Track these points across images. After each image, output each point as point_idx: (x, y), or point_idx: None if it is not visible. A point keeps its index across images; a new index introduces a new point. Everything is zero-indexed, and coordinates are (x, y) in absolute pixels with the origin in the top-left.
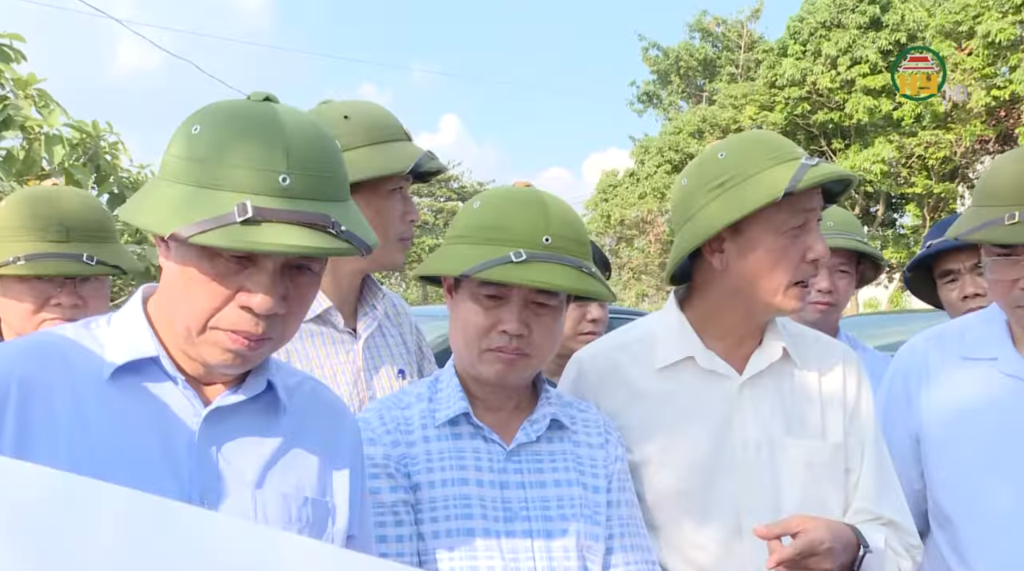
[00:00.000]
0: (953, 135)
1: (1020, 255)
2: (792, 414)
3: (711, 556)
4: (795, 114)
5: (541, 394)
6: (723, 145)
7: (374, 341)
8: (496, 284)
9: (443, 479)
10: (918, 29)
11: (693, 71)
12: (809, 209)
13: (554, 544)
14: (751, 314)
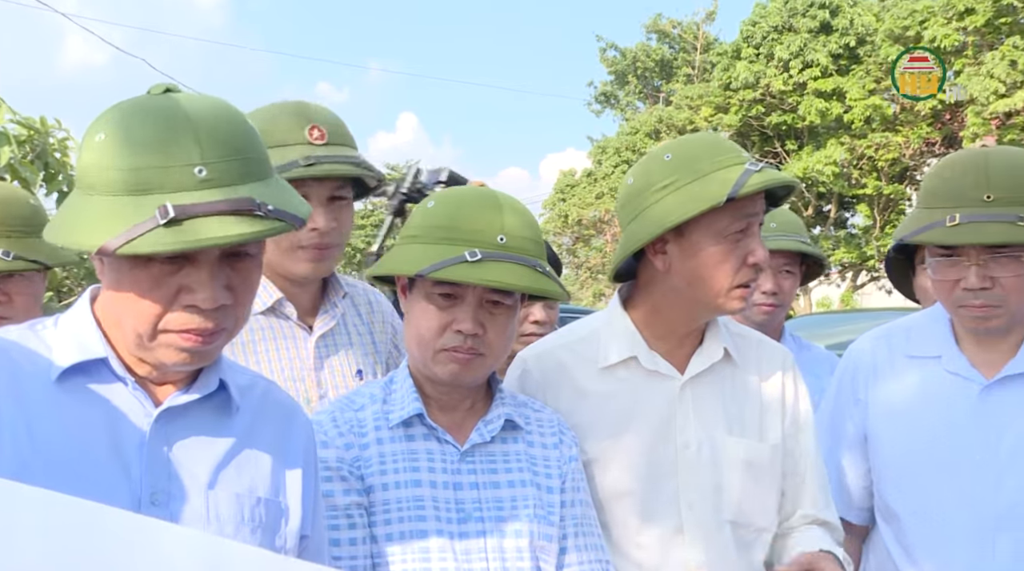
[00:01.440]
0: (901, 137)
1: (961, 256)
2: (732, 414)
3: (653, 555)
4: (749, 116)
5: (495, 394)
6: (669, 147)
7: (332, 339)
8: (451, 284)
9: (396, 481)
10: (867, 33)
11: (650, 72)
12: (752, 214)
13: (507, 544)
14: (693, 315)
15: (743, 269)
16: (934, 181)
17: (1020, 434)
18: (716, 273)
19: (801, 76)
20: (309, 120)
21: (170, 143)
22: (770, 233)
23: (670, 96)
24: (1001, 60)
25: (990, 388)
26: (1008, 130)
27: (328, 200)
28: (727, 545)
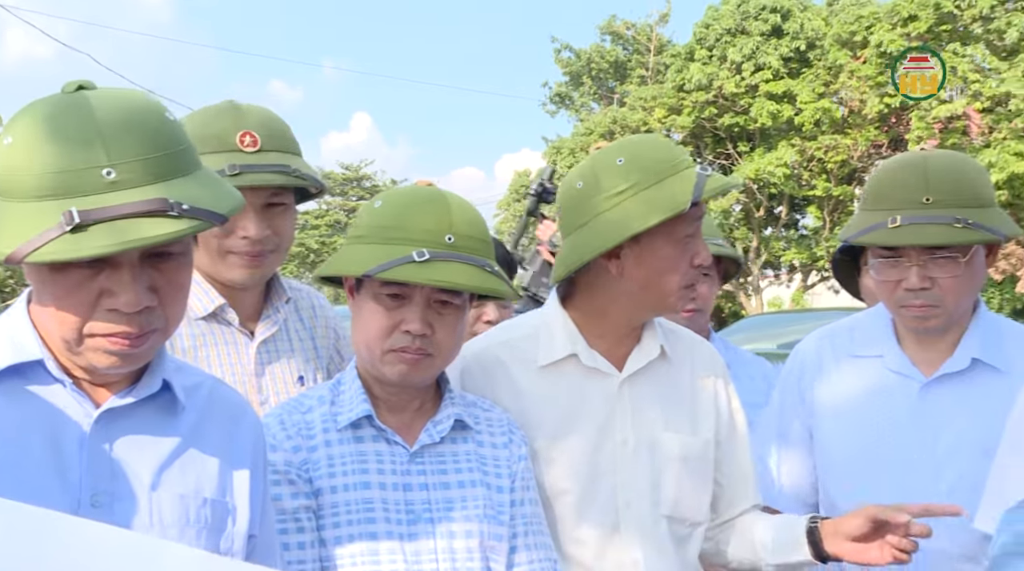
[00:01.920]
0: (850, 140)
1: (902, 257)
2: (668, 410)
3: (591, 551)
4: (702, 117)
5: (445, 395)
6: (620, 150)
7: (274, 345)
8: (398, 284)
9: (345, 483)
10: (816, 38)
11: (604, 73)
12: (698, 217)
13: (457, 545)
14: (638, 315)
15: (690, 271)
16: (876, 184)
17: (957, 430)
18: (668, 276)
19: (753, 79)
20: (241, 126)
21: (76, 146)
22: None
23: (624, 97)
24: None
25: (929, 386)
26: (950, 134)
27: (263, 207)
28: (663, 540)
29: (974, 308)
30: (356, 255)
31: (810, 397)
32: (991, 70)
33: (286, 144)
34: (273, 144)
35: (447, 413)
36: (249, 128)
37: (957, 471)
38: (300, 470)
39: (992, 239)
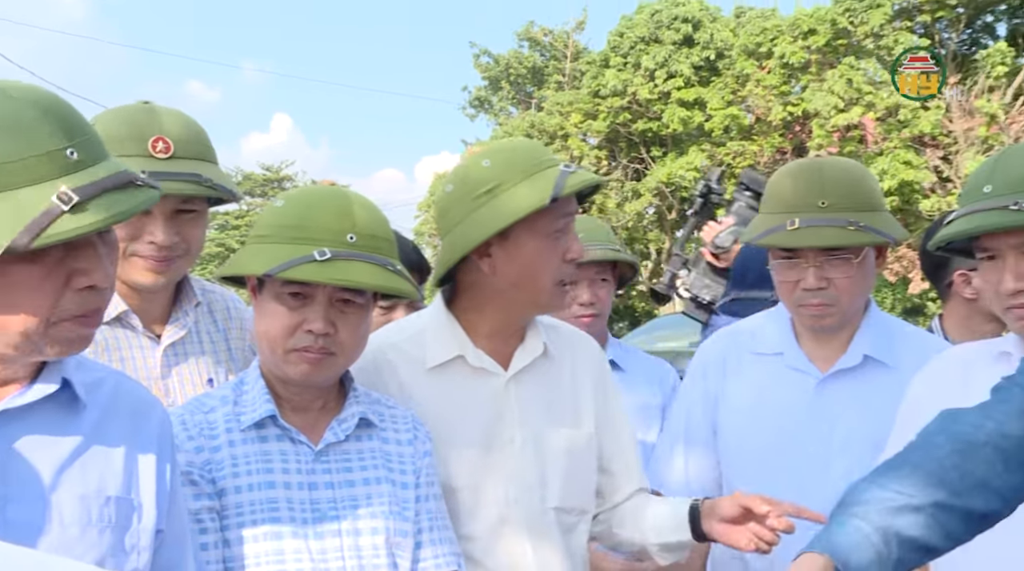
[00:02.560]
0: (756, 146)
1: (800, 258)
2: (553, 406)
3: (481, 546)
4: (617, 122)
5: (349, 393)
6: (486, 153)
7: (182, 348)
8: (300, 283)
9: (249, 483)
10: (725, 48)
11: (522, 78)
12: (568, 213)
13: (363, 542)
14: (518, 313)
15: (563, 266)
16: (775, 189)
17: (850, 423)
18: (540, 272)
19: (665, 86)
20: (154, 131)
21: (34, 132)
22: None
23: (542, 102)
24: (840, 78)
25: (825, 381)
26: (847, 142)
27: (173, 213)
28: (551, 531)
29: (866, 307)
30: (257, 254)
31: (714, 394)
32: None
33: (200, 151)
34: (186, 151)
35: (352, 411)
36: (162, 134)
37: (849, 462)
38: (202, 470)
39: (882, 241)
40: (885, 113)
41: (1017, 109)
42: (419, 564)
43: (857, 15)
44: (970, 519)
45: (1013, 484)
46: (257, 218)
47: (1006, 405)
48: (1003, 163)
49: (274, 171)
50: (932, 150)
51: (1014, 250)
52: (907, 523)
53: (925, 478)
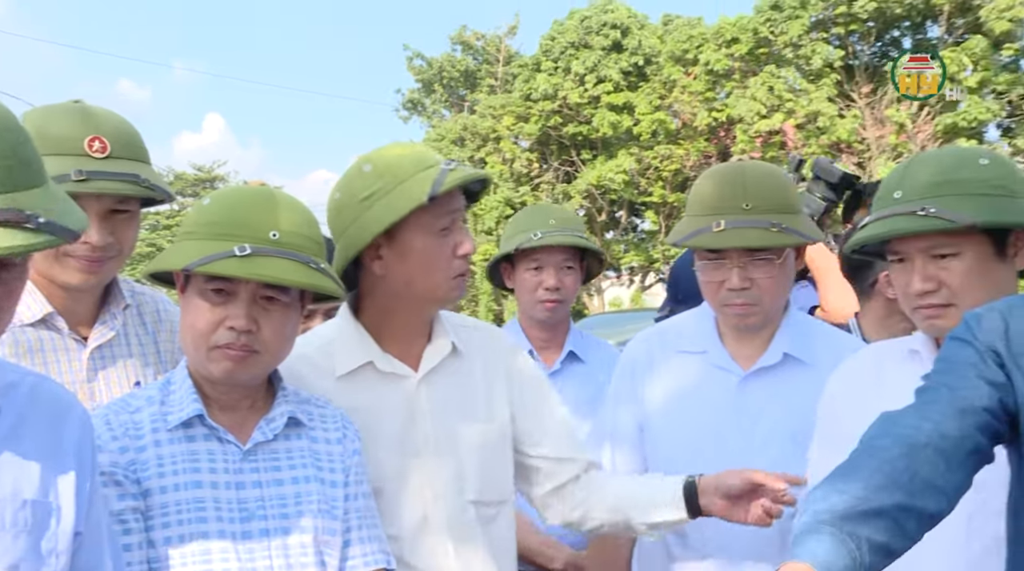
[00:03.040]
0: (683, 150)
1: (725, 259)
2: (465, 402)
3: (404, 545)
4: (548, 126)
5: (278, 392)
6: (369, 158)
7: (110, 350)
8: (223, 279)
9: (175, 483)
10: (653, 54)
11: (455, 81)
12: (454, 209)
13: (291, 541)
14: (418, 311)
15: (455, 261)
16: (700, 192)
17: (771, 418)
18: (431, 269)
19: (595, 90)
20: (90, 130)
21: None
22: (550, 229)
23: (474, 105)
24: (762, 85)
25: (746, 379)
26: (769, 147)
27: (107, 213)
28: (471, 524)
29: (785, 307)
30: (180, 251)
31: (641, 392)
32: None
33: (136, 152)
34: (123, 151)
35: (281, 411)
36: (99, 133)
37: (771, 457)
38: (127, 471)
39: (802, 242)
40: (804, 120)
41: (923, 119)
42: (348, 562)
43: (777, 25)
44: (923, 519)
45: (955, 483)
46: (185, 217)
47: (938, 406)
48: (912, 170)
49: (206, 171)
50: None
51: (922, 253)
52: (874, 527)
53: (882, 481)
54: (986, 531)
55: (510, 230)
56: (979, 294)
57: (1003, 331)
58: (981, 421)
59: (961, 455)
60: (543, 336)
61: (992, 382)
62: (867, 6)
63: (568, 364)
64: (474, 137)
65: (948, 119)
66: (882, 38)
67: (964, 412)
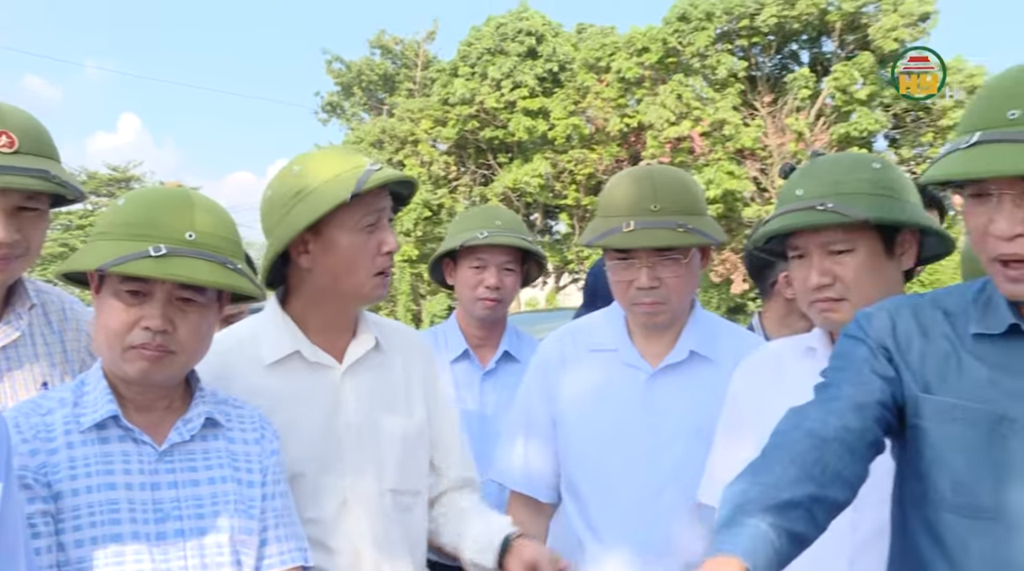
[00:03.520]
0: (596, 155)
1: (635, 259)
2: (386, 395)
3: (323, 528)
4: (466, 130)
5: (196, 393)
6: (299, 160)
7: (15, 351)
8: (138, 280)
9: (88, 485)
10: (567, 61)
11: (374, 85)
12: (380, 208)
13: (207, 541)
14: (343, 306)
15: (378, 258)
16: (611, 194)
17: (678, 414)
18: (356, 265)
19: (511, 95)
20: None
21: None
22: (495, 229)
23: (393, 109)
24: (671, 93)
25: (655, 376)
26: (678, 153)
27: (15, 210)
28: (388, 511)
29: (691, 306)
30: (94, 251)
31: (554, 389)
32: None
33: (44, 148)
34: (31, 147)
35: (198, 411)
36: (5, 127)
37: (678, 451)
38: (37, 474)
39: (707, 243)
40: (711, 128)
41: (819, 128)
42: (264, 561)
43: (685, 36)
44: (832, 509)
45: (859, 473)
46: (99, 217)
47: (841, 401)
48: (813, 170)
49: (121, 171)
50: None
51: (820, 249)
52: (790, 518)
53: (796, 474)
54: (871, 519)
55: (456, 227)
56: (870, 289)
57: (891, 329)
58: (877, 414)
59: (863, 447)
60: (480, 334)
61: (884, 377)
62: (768, 20)
63: (503, 363)
64: (392, 140)
65: (842, 129)
66: (782, 51)
67: (862, 406)
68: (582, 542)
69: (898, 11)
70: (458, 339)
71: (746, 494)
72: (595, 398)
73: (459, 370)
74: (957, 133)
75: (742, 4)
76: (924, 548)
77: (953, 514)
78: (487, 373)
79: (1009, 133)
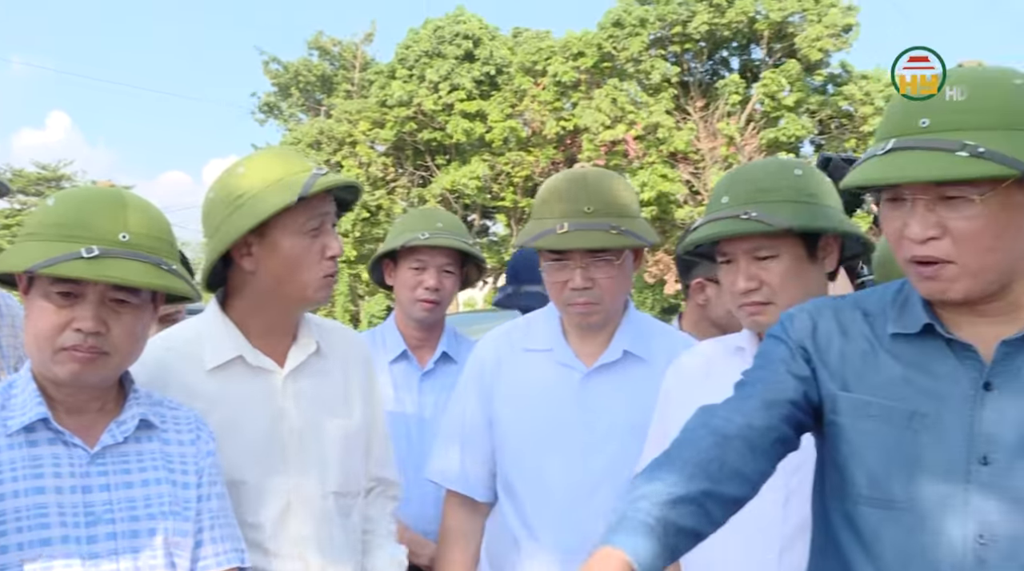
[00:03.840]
0: (533, 157)
1: (569, 260)
2: (328, 399)
3: (265, 533)
4: (404, 131)
5: (129, 395)
6: (243, 162)
7: None
8: (70, 281)
9: (15, 490)
10: (504, 65)
11: (312, 86)
12: (324, 212)
13: (140, 544)
14: (286, 309)
15: (323, 262)
16: (546, 196)
17: (612, 412)
18: (300, 268)
19: (449, 98)
20: None
21: None
22: (437, 231)
23: (331, 110)
24: (606, 97)
25: (589, 375)
26: (613, 156)
27: None
28: (331, 513)
29: (625, 307)
30: (23, 252)
31: (490, 389)
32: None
33: None
34: None
35: (131, 413)
36: None
37: (612, 449)
38: None
39: (640, 244)
40: (645, 131)
41: (749, 132)
42: (200, 563)
43: (619, 41)
44: (727, 504)
45: (759, 470)
46: (27, 217)
47: (751, 400)
48: (738, 178)
49: (50, 170)
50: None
51: (746, 254)
52: (680, 513)
53: (692, 470)
54: (801, 511)
55: (397, 228)
56: (794, 292)
57: (812, 330)
58: (786, 412)
59: (766, 444)
60: (419, 336)
61: (799, 376)
62: (700, 27)
63: (441, 365)
64: (330, 141)
65: (771, 134)
66: (713, 57)
67: (771, 404)
68: (518, 540)
69: (822, 22)
70: (396, 340)
71: (641, 489)
72: (530, 398)
73: (397, 371)
74: (875, 140)
75: (675, 11)
76: (843, 538)
77: (868, 506)
78: (425, 374)
79: (921, 140)
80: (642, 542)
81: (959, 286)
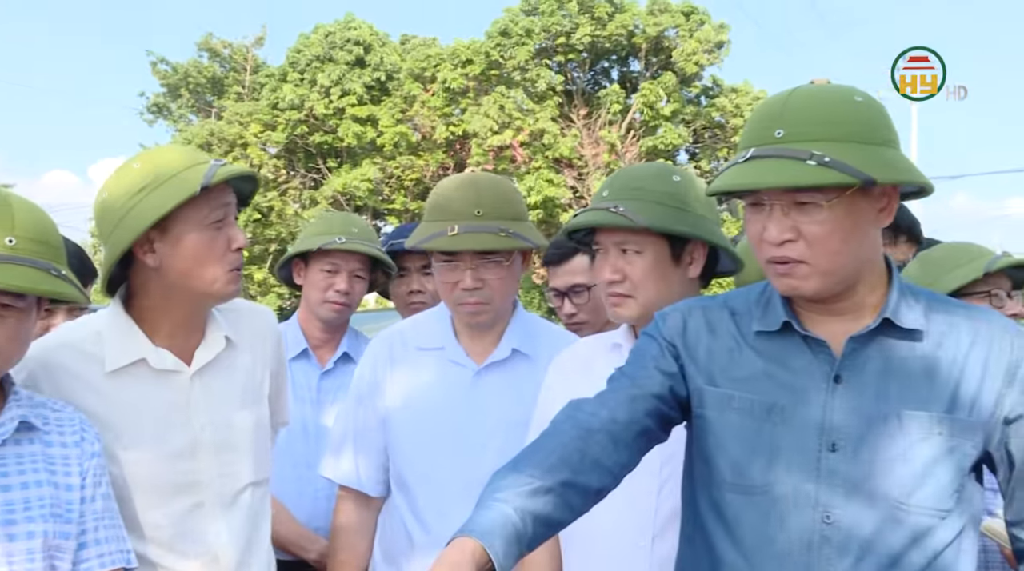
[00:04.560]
0: (423, 161)
1: (460, 261)
2: (238, 392)
3: (169, 532)
4: (295, 134)
5: (9, 397)
6: (138, 158)
7: None
8: None
9: None
10: (394, 71)
11: (202, 87)
12: (225, 203)
13: (17, 547)
14: (194, 305)
15: (229, 254)
16: (437, 199)
17: (502, 408)
18: (205, 260)
19: (340, 102)
20: None
21: None
22: (352, 236)
23: (222, 111)
24: (494, 104)
25: (480, 373)
26: (501, 161)
27: None
28: (244, 506)
29: (514, 307)
30: None
31: (383, 386)
32: (529, 110)
33: None
34: None
35: (11, 415)
36: None
37: (502, 443)
38: None
39: (528, 246)
40: (531, 137)
41: (630, 140)
42: (82, 565)
43: (506, 50)
44: (588, 494)
45: (621, 462)
46: None
47: (617, 395)
48: (621, 175)
49: None
50: (569, 171)
51: (615, 246)
52: (540, 503)
53: (554, 461)
54: (672, 500)
55: (312, 229)
56: (654, 290)
57: (682, 328)
58: (651, 407)
59: (628, 437)
60: (322, 336)
61: (666, 372)
62: (583, 39)
63: (341, 364)
64: (221, 142)
65: (650, 142)
66: (595, 68)
67: (636, 399)
68: (410, 534)
69: (695, 37)
70: (298, 338)
71: (503, 478)
72: (423, 395)
73: (297, 369)
74: (738, 149)
75: (559, 23)
76: (709, 524)
77: (732, 492)
78: (325, 373)
79: (777, 149)
80: (499, 530)
81: (810, 283)
